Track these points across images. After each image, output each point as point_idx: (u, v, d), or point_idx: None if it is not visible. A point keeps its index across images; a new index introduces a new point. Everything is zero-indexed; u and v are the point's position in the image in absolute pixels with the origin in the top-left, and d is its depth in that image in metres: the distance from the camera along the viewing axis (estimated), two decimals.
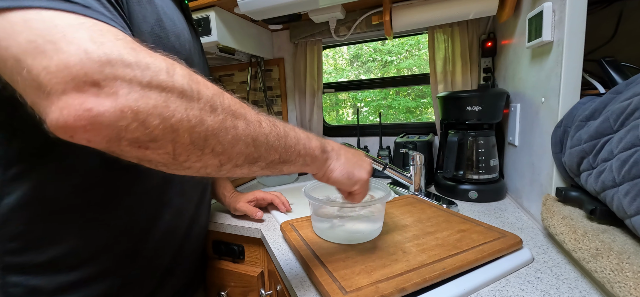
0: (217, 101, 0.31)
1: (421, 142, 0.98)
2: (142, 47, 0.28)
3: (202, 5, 0.96)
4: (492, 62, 1.02)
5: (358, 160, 0.50)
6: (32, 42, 0.24)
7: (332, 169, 0.46)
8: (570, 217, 0.49)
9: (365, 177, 0.49)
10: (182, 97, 0.28)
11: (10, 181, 0.40)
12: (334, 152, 0.47)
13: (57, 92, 0.24)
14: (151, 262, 0.53)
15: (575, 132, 0.50)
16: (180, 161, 0.29)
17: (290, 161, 0.39)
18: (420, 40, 3.21)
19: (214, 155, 0.31)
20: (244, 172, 0.35)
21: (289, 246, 0.63)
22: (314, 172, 0.46)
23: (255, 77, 1.39)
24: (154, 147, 0.27)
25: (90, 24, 0.27)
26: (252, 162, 0.35)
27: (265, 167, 0.37)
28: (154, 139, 0.27)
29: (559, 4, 0.55)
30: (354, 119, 1.46)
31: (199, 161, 0.30)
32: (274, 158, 0.37)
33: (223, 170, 0.33)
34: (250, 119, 0.34)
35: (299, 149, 0.40)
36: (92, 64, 0.24)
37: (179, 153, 0.29)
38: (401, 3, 0.97)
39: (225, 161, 0.32)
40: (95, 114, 0.24)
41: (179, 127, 0.27)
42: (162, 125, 0.26)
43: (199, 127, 0.29)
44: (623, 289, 0.36)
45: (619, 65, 0.57)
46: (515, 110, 0.79)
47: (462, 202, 0.81)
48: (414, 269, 0.47)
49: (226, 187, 0.83)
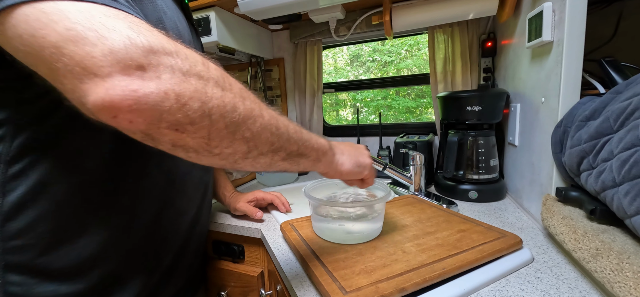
0: (245, 93, 0.33)
1: (421, 142, 0.98)
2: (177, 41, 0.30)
3: (202, 5, 0.95)
4: (492, 62, 1.02)
5: (357, 148, 0.53)
6: (71, 30, 0.25)
7: (342, 163, 0.49)
8: (570, 217, 0.49)
9: (369, 161, 0.53)
10: (217, 86, 0.30)
11: (13, 178, 0.40)
12: (338, 148, 0.50)
13: (102, 74, 0.25)
14: (153, 261, 0.53)
15: (575, 132, 0.50)
16: (213, 146, 0.31)
17: (306, 155, 0.41)
18: (420, 40, 3.21)
19: (244, 141, 0.33)
20: (266, 162, 0.37)
21: (289, 245, 0.63)
22: (324, 170, 0.47)
23: (255, 77, 1.39)
24: (191, 130, 0.29)
25: (123, 15, 0.28)
26: (275, 152, 0.37)
27: (285, 157, 0.38)
28: (193, 121, 0.28)
29: (559, 4, 0.55)
30: (354, 119, 1.46)
31: (230, 147, 0.32)
32: (293, 149, 0.39)
33: (249, 157, 0.34)
34: (271, 112, 0.36)
35: (312, 143, 0.42)
36: (136, 50, 0.26)
37: (213, 137, 0.30)
38: (401, 3, 0.97)
39: (253, 147, 0.34)
40: (140, 95, 0.25)
41: (216, 111, 0.29)
42: (201, 109, 0.28)
43: (233, 113, 0.31)
44: (623, 289, 0.36)
45: (619, 65, 0.57)
46: (515, 110, 0.79)
47: (462, 202, 0.81)
48: (414, 269, 0.47)
49: (226, 187, 0.83)
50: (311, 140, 0.42)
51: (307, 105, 1.28)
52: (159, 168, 0.51)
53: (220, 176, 0.84)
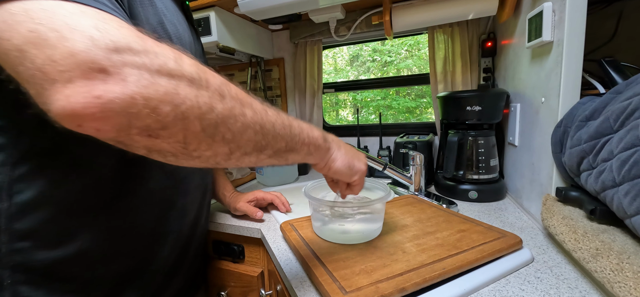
0: (225, 89, 0.31)
1: (421, 142, 0.98)
2: (147, 36, 0.28)
3: (202, 5, 0.96)
4: (492, 62, 1.02)
5: (355, 152, 0.51)
6: (33, 32, 0.24)
7: (333, 159, 0.47)
8: (570, 217, 0.49)
9: (364, 169, 0.51)
10: (191, 85, 0.27)
11: (19, 180, 0.40)
12: (335, 143, 0.48)
13: (62, 80, 0.23)
14: (156, 262, 0.53)
15: (575, 132, 0.50)
16: (191, 149, 0.29)
17: (295, 150, 0.40)
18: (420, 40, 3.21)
19: (224, 143, 0.31)
20: (252, 160, 0.35)
21: (289, 246, 0.63)
22: (316, 162, 0.46)
23: (255, 77, 1.39)
24: (165, 135, 0.27)
25: (93, 12, 0.26)
26: (260, 150, 0.35)
27: (272, 155, 0.37)
28: (165, 126, 0.26)
29: (559, 4, 0.55)
30: (354, 119, 1.46)
31: (209, 149, 0.30)
32: (280, 146, 0.37)
33: (232, 158, 0.33)
34: (256, 107, 0.34)
35: (303, 137, 0.40)
36: (98, 51, 0.24)
37: (190, 141, 0.28)
38: (401, 3, 0.97)
39: (235, 149, 0.32)
40: (104, 101, 0.23)
41: (189, 114, 0.27)
42: (174, 113, 0.26)
43: (210, 114, 0.28)
44: (623, 289, 0.36)
45: (619, 65, 0.57)
46: (515, 110, 0.79)
47: (462, 202, 0.81)
48: (414, 269, 0.47)
49: (226, 187, 0.83)
50: (302, 134, 0.40)
51: (307, 105, 1.28)
52: (162, 170, 0.51)
53: (220, 176, 0.84)
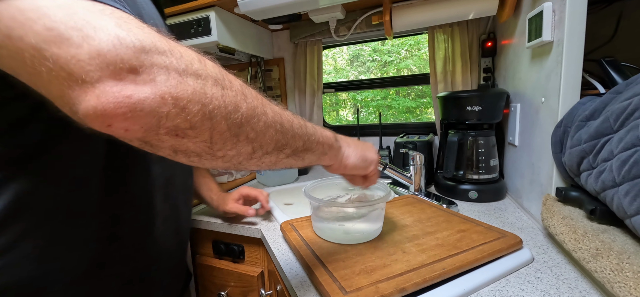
0: (246, 90, 0.31)
1: (421, 142, 0.98)
2: (168, 37, 0.28)
3: (202, 5, 0.96)
4: (492, 62, 1.02)
5: (363, 144, 0.51)
6: (52, 30, 0.23)
7: (347, 156, 0.47)
8: (570, 217, 0.49)
9: (376, 157, 0.51)
10: (216, 84, 0.28)
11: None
12: (344, 141, 0.48)
13: (92, 80, 0.23)
14: (141, 269, 0.50)
15: (575, 132, 0.50)
16: (216, 149, 0.29)
17: (311, 149, 0.40)
18: (420, 40, 3.21)
19: (248, 142, 0.31)
20: (271, 160, 0.35)
21: (289, 246, 0.63)
22: (330, 163, 0.46)
23: (255, 77, 1.39)
24: (192, 134, 0.27)
25: (110, 11, 0.25)
26: (280, 149, 0.35)
27: (290, 154, 0.37)
28: (193, 126, 0.26)
29: (559, 4, 0.55)
30: (354, 119, 1.47)
31: (234, 149, 0.30)
32: (298, 145, 0.37)
33: (254, 158, 0.33)
34: (274, 107, 0.34)
35: (317, 137, 0.41)
36: (126, 50, 0.23)
37: (216, 141, 0.29)
38: (401, 3, 0.97)
39: (258, 148, 0.32)
40: (135, 101, 0.23)
41: (217, 113, 0.27)
42: (202, 112, 0.26)
43: (235, 114, 0.29)
44: (623, 289, 0.36)
45: (619, 65, 0.57)
46: (515, 110, 0.79)
47: (462, 202, 0.81)
48: (414, 269, 0.47)
49: (211, 188, 0.80)
50: (316, 134, 0.41)
51: (307, 105, 1.28)
52: (146, 175, 0.49)
53: (203, 176, 0.80)
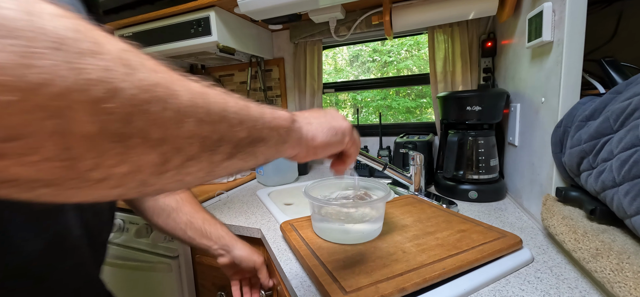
0: (133, 58, 0.17)
1: (421, 142, 0.98)
2: None
3: (202, 5, 0.96)
4: (492, 62, 1.02)
5: (328, 113, 0.39)
6: None
7: (313, 136, 0.35)
8: (570, 217, 0.49)
9: (349, 125, 0.40)
10: (59, 50, 0.14)
11: None
12: (303, 117, 0.35)
13: None
14: None
15: (575, 132, 0.50)
16: (83, 170, 0.16)
17: (263, 139, 0.27)
18: (420, 41, 3.21)
19: (150, 146, 0.18)
20: (202, 168, 0.22)
21: (289, 246, 0.63)
22: (295, 152, 0.34)
23: (255, 77, 1.39)
24: (19, 151, 0.14)
25: None
26: (213, 148, 0.22)
27: (231, 153, 0.24)
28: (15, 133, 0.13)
29: (559, 4, 0.55)
30: (354, 119, 1.47)
31: (123, 164, 0.17)
32: (242, 136, 0.24)
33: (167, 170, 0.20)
34: (192, 84, 0.21)
35: (267, 120, 0.28)
36: None
37: (79, 152, 0.15)
38: (401, 3, 0.97)
39: (171, 153, 0.19)
40: None
41: (69, 100, 0.14)
42: (28, 102, 0.13)
43: (112, 99, 0.15)
44: (623, 289, 0.36)
45: (619, 65, 0.57)
46: (515, 110, 0.79)
47: (462, 202, 0.81)
48: (414, 269, 0.47)
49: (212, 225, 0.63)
50: (264, 116, 0.27)
51: (307, 105, 1.28)
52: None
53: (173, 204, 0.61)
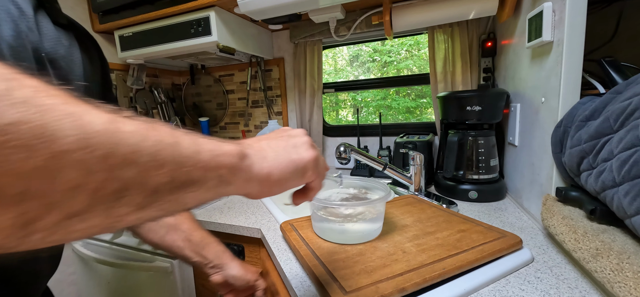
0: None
1: (421, 142, 0.98)
2: None
3: (202, 5, 0.96)
4: (492, 62, 1.02)
5: (290, 140, 0.32)
6: None
7: (268, 173, 0.28)
8: (570, 217, 0.49)
9: (313, 154, 0.32)
10: None
11: None
12: (257, 150, 0.29)
13: None
14: None
15: (575, 132, 0.50)
16: None
17: (194, 182, 0.22)
18: (420, 41, 3.21)
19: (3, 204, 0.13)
20: (96, 224, 0.17)
21: (289, 246, 0.63)
22: (244, 192, 0.28)
23: (255, 77, 1.39)
24: None
25: None
26: (113, 200, 0.17)
27: (143, 203, 0.19)
28: None
29: (559, 4, 0.55)
30: (354, 119, 1.47)
31: None
32: (161, 181, 0.19)
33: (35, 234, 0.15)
34: (94, 118, 0.16)
35: (203, 159, 0.22)
36: None
37: None
38: (401, 3, 0.97)
39: (39, 210, 0.14)
40: None
41: None
42: None
43: None
44: (623, 289, 0.36)
45: (619, 65, 0.57)
46: (515, 110, 0.79)
47: (462, 202, 0.81)
48: (414, 269, 0.47)
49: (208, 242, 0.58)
50: (200, 155, 0.22)
51: (307, 105, 1.28)
52: None
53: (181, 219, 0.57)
